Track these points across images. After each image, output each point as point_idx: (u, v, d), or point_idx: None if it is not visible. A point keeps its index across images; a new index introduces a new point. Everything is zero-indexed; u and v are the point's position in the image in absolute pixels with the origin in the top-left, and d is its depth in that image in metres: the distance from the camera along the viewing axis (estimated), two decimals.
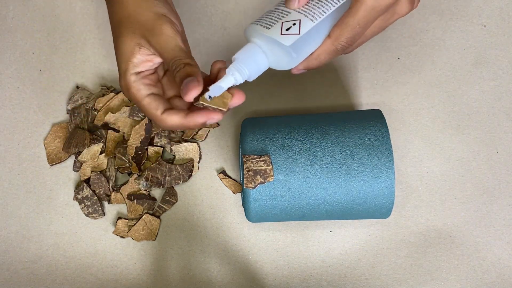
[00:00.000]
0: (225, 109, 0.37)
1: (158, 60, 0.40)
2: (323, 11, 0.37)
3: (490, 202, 0.54)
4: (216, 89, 0.36)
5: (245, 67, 0.37)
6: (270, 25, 0.37)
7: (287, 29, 0.36)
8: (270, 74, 0.56)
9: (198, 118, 0.37)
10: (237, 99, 0.38)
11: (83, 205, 0.55)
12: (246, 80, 0.38)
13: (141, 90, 0.39)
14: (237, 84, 0.37)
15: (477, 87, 0.55)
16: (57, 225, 0.56)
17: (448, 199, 0.54)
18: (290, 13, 0.37)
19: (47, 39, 0.58)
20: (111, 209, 0.56)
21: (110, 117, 0.55)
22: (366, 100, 0.55)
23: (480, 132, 0.54)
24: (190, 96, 0.35)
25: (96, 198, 0.55)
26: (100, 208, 0.55)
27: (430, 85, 0.55)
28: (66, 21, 0.58)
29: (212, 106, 0.37)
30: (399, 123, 0.55)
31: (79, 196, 0.55)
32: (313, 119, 0.49)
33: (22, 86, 0.58)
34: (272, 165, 0.46)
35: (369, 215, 0.48)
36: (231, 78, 0.37)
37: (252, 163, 0.46)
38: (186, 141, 0.56)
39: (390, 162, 0.45)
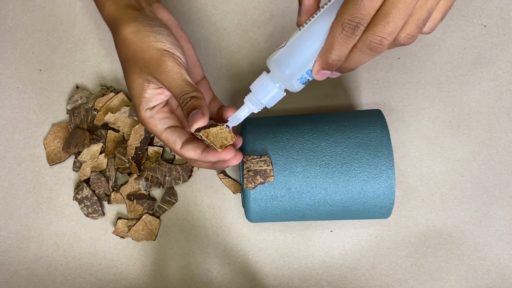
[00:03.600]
0: (218, 149, 0.39)
1: (168, 92, 0.41)
2: (313, 16, 0.35)
3: (490, 202, 0.54)
4: (235, 119, 0.40)
5: (256, 97, 0.38)
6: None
7: (279, 47, 0.36)
8: None
9: (210, 157, 0.40)
10: (239, 143, 0.42)
11: (83, 205, 0.55)
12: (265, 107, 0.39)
13: (158, 125, 0.41)
14: (256, 111, 0.39)
15: (477, 87, 0.55)
16: (57, 225, 0.56)
17: (448, 199, 0.54)
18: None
19: (47, 39, 0.58)
20: (111, 209, 0.56)
21: (110, 117, 0.55)
22: (366, 100, 0.55)
23: (480, 132, 0.54)
24: (194, 127, 0.38)
25: (96, 198, 0.55)
26: (100, 208, 0.55)
27: (430, 85, 0.55)
28: (66, 21, 0.58)
29: (207, 141, 0.39)
30: (399, 123, 0.55)
31: (79, 196, 0.55)
32: (313, 119, 0.49)
33: (22, 86, 0.57)
34: (272, 165, 0.46)
35: (369, 215, 0.48)
36: (246, 108, 0.39)
37: (252, 163, 0.46)
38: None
39: (390, 162, 0.45)
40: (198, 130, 0.38)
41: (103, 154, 0.55)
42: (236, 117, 0.39)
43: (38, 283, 0.55)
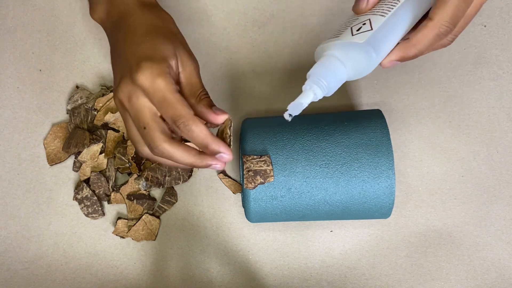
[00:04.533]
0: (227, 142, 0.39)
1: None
2: (393, 4, 0.35)
3: (490, 202, 0.54)
4: (296, 107, 0.36)
5: (324, 80, 0.35)
6: (339, 34, 0.35)
7: (357, 30, 0.35)
8: (270, 74, 0.56)
9: (215, 146, 0.38)
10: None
11: (83, 205, 0.55)
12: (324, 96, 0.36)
13: (173, 84, 0.37)
14: (317, 99, 0.36)
15: (477, 87, 0.55)
16: (57, 225, 0.56)
17: (448, 199, 0.54)
18: (358, 18, 0.36)
19: (47, 39, 0.58)
20: (111, 209, 0.56)
21: (109, 117, 0.55)
22: (366, 100, 0.55)
23: (480, 132, 0.54)
24: (223, 118, 0.38)
25: (96, 198, 0.55)
26: (100, 208, 0.55)
27: (430, 85, 0.55)
28: (66, 21, 0.58)
29: (222, 127, 0.40)
30: (399, 123, 0.55)
31: (79, 196, 0.55)
32: (313, 119, 0.49)
33: (22, 86, 0.57)
34: (272, 165, 0.46)
35: (370, 215, 0.48)
36: (310, 93, 0.36)
37: (252, 163, 0.46)
38: (186, 141, 0.56)
39: (390, 162, 0.45)
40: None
41: (103, 154, 0.55)
42: (299, 104, 0.35)
43: (38, 283, 0.55)
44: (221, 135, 0.40)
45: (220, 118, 0.38)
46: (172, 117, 0.37)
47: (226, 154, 0.38)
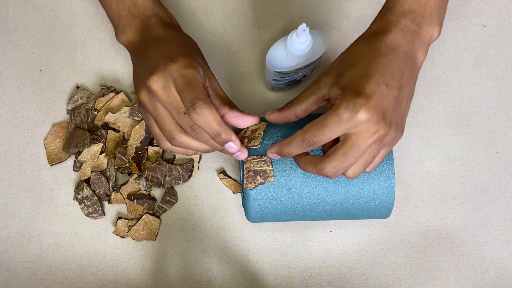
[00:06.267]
0: (250, 143, 0.44)
1: None
2: None
3: (490, 202, 0.54)
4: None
5: None
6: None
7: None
8: None
9: (227, 134, 0.40)
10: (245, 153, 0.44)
11: (83, 205, 0.55)
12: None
13: (201, 77, 0.40)
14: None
15: (477, 87, 0.55)
16: (57, 225, 0.56)
17: (448, 199, 0.54)
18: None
19: (47, 39, 0.58)
20: (111, 209, 0.56)
21: (110, 117, 0.55)
22: None
23: (480, 132, 0.54)
24: (256, 119, 0.43)
25: (96, 198, 0.55)
26: (100, 208, 0.55)
27: (430, 85, 0.55)
28: (66, 21, 0.58)
29: (254, 127, 0.45)
30: None
31: (79, 196, 0.55)
32: (313, 119, 0.49)
33: (22, 86, 0.58)
34: (272, 165, 0.46)
35: (369, 215, 0.48)
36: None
37: (252, 163, 0.46)
38: None
39: (390, 162, 0.45)
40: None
41: (104, 154, 0.55)
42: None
43: (39, 283, 0.56)
44: (252, 133, 0.44)
45: (255, 119, 0.43)
46: (191, 99, 0.38)
47: (235, 144, 0.41)
